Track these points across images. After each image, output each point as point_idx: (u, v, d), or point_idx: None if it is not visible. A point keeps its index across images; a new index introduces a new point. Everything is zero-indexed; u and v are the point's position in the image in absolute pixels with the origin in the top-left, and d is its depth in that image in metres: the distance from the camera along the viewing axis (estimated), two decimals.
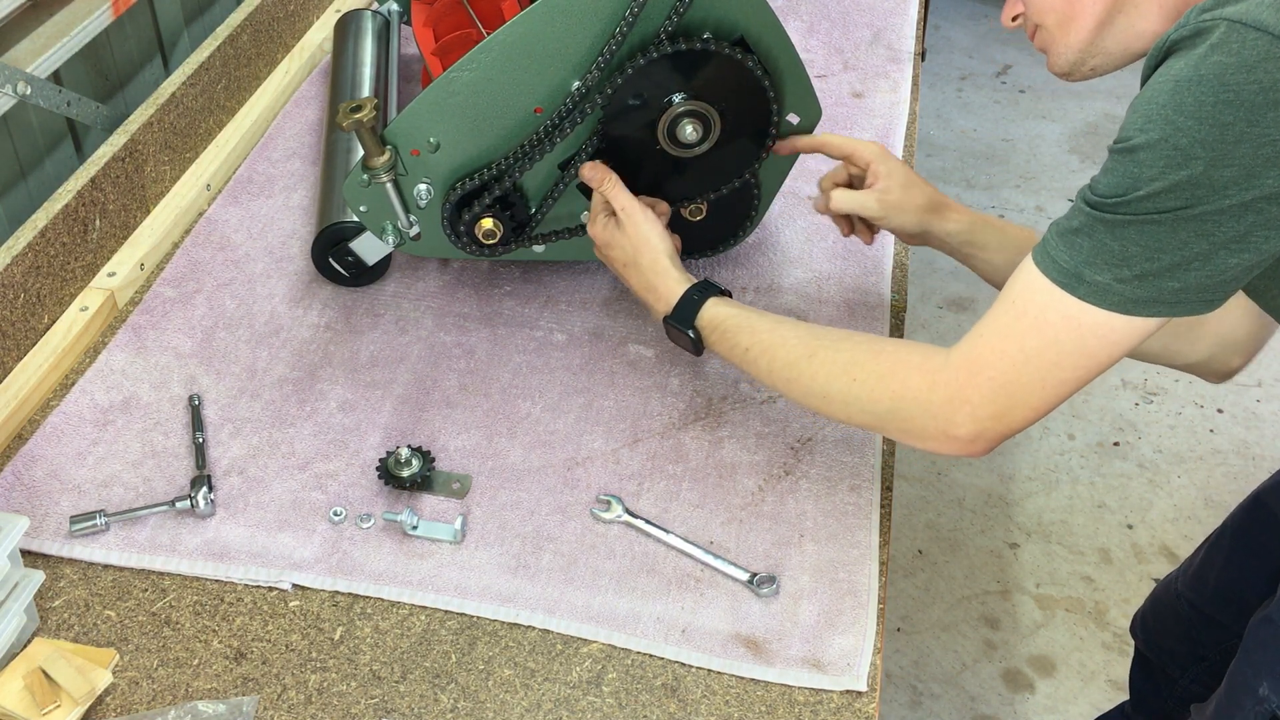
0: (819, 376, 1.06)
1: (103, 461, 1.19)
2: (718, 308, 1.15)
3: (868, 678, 1.02)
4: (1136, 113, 0.87)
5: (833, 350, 1.06)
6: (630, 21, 1.15)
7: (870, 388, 1.02)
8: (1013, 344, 0.93)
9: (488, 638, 1.05)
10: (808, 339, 1.09)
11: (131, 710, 0.99)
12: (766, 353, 1.10)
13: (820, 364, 1.06)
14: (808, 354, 1.07)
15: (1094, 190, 0.90)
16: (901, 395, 1.00)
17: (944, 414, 0.97)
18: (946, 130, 3.51)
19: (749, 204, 1.34)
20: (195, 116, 1.56)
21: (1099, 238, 0.89)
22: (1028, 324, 0.93)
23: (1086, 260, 0.90)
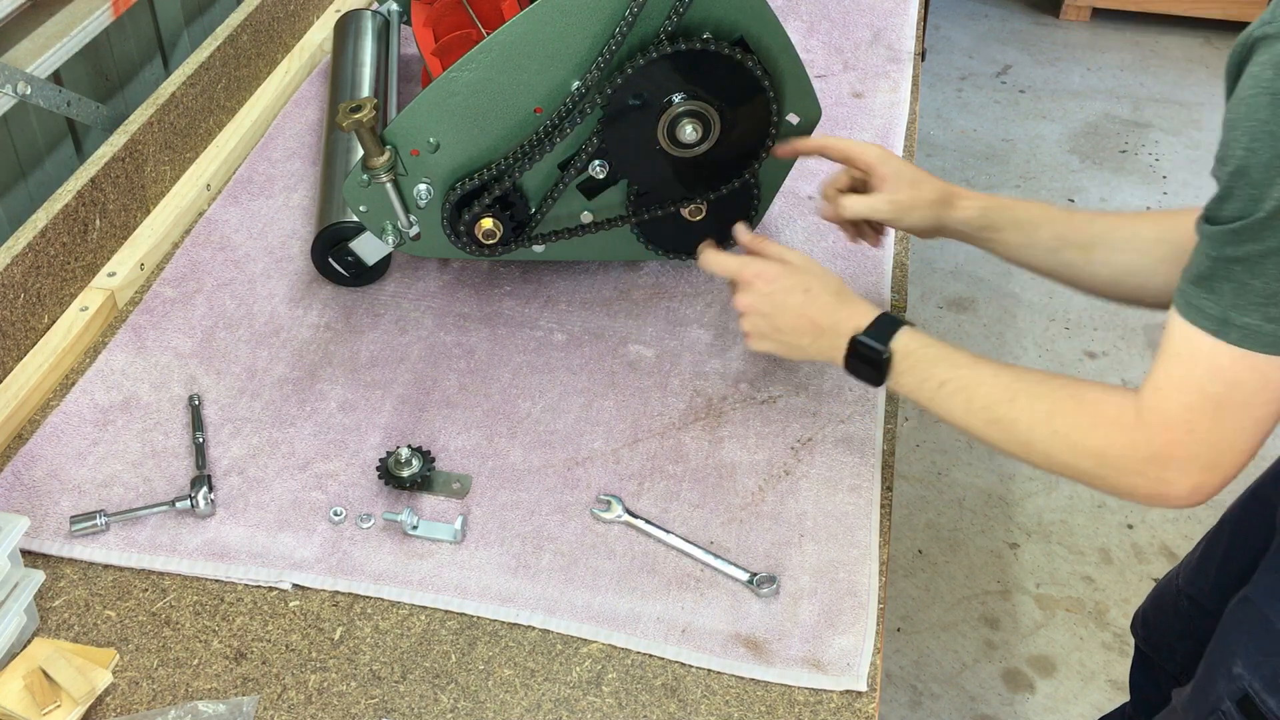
0: (1020, 423, 1.01)
1: (103, 461, 1.19)
2: (914, 336, 1.09)
3: (868, 678, 1.02)
4: (1238, 130, 0.84)
5: (1033, 397, 1.01)
6: (630, 21, 1.15)
7: (1072, 442, 0.97)
8: (1196, 395, 0.90)
9: (488, 638, 1.06)
10: (1008, 381, 1.03)
11: (131, 710, 0.99)
12: (964, 390, 1.04)
13: (1021, 410, 1.01)
14: (1008, 397, 1.02)
15: (1212, 220, 0.87)
16: (1104, 454, 0.96)
17: (1153, 474, 0.94)
18: (946, 130, 3.51)
19: (749, 204, 1.34)
20: (195, 116, 1.56)
21: (1238, 278, 0.86)
22: (1202, 372, 0.89)
23: (1232, 304, 0.87)
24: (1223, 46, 3.83)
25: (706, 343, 1.34)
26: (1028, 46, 3.88)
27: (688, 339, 1.34)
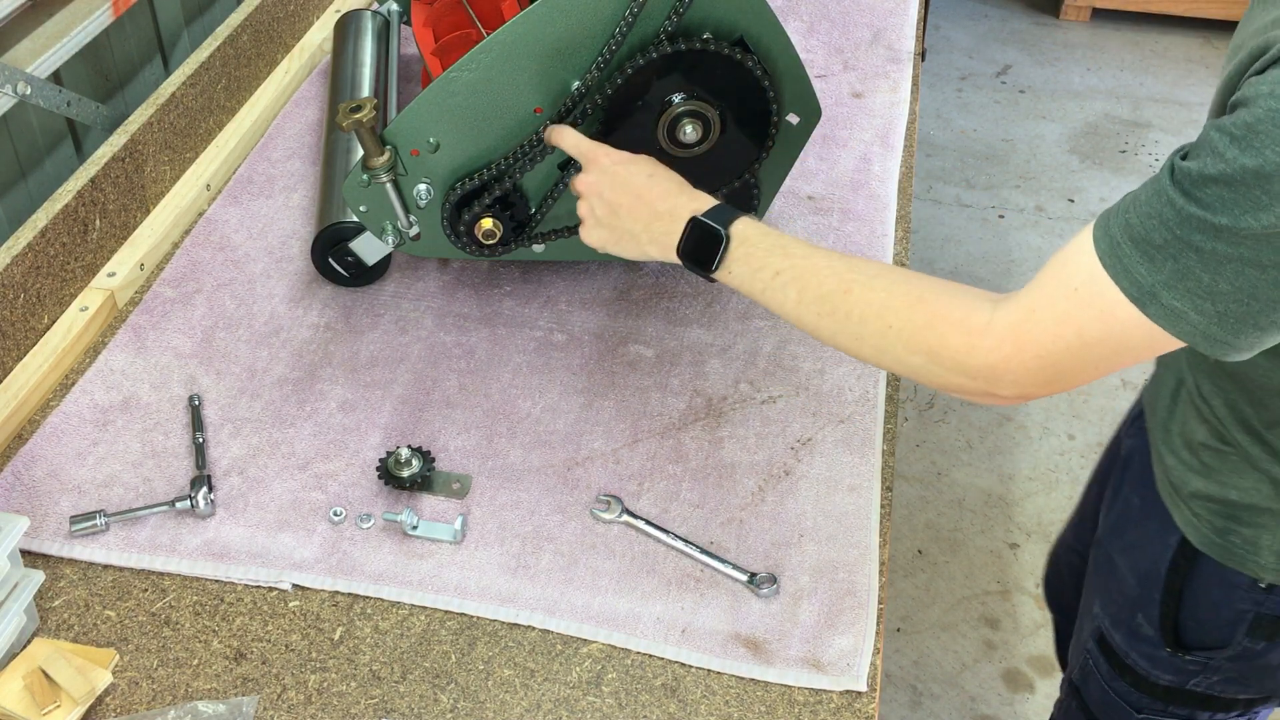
0: (853, 316, 0.97)
1: (103, 461, 1.19)
2: (754, 224, 1.04)
3: (867, 678, 1.02)
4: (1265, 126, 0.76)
5: (868, 289, 0.97)
6: (630, 21, 1.15)
7: (906, 338, 0.94)
8: (1070, 330, 0.86)
9: (487, 638, 1.06)
10: (844, 272, 0.98)
11: (131, 710, 0.99)
12: (797, 280, 0.99)
13: (855, 302, 0.97)
14: (843, 288, 0.97)
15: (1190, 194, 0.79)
16: (938, 353, 0.92)
17: (984, 377, 0.91)
18: (946, 130, 3.51)
19: (749, 204, 1.34)
20: (195, 116, 1.56)
21: (1187, 264, 0.80)
22: (1093, 319, 0.85)
23: (1167, 283, 0.81)
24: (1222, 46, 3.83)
25: (706, 343, 1.34)
26: (1028, 46, 3.88)
27: (688, 339, 1.34)
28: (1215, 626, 1.15)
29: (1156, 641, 1.19)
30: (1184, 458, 1.11)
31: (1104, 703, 1.30)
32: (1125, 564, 1.22)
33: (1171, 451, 1.13)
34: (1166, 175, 0.82)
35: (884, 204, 1.53)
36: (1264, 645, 1.14)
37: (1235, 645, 1.15)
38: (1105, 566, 1.26)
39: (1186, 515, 1.12)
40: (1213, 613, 1.15)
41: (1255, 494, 1.06)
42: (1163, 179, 0.82)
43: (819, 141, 1.62)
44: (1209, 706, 1.22)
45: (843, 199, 1.54)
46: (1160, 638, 1.19)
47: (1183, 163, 0.80)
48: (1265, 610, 1.11)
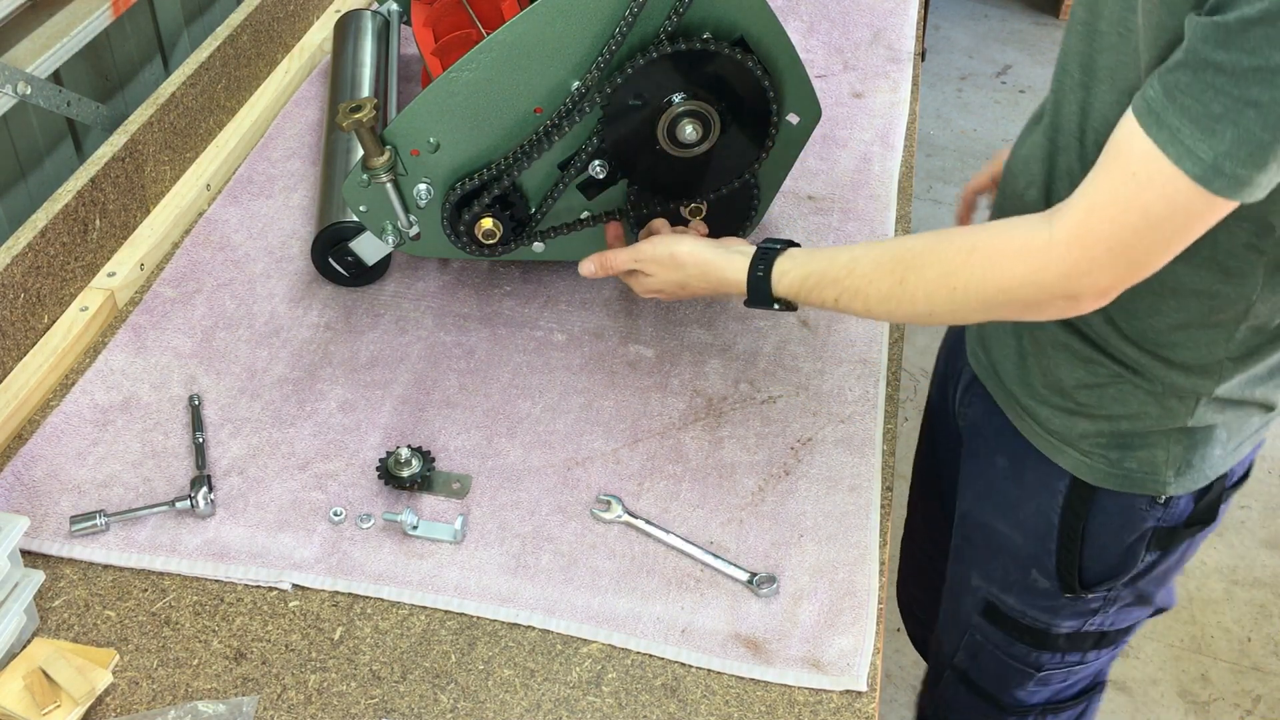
0: (918, 298, 1.00)
1: (103, 461, 1.19)
2: (787, 275, 1.10)
3: (867, 678, 1.02)
4: None
5: (920, 270, 0.99)
6: (630, 21, 1.15)
7: (975, 291, 0.96)
8: (1134, 215, 0.86)
9: (487, 638, 1.06)
10: (892, 267, 1.02)
11: (131, 710, 0.99)
12: (858, 297, 1.04)
13: (914, 286, 1.00)
14: (898, 281, 1.01)
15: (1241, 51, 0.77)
16: (1009, 286, 0.94)
17: (1063, 289, 0.91)
18: (946, 130, 3.51)
19: (749, 204, 1.34)
20: (195, 116, 1.56)
21: (1247, 126, 0.79)
22: (1152, 197, 0.84)
23: (1229, 152, 0.80)
24: None
25: (706, 343, 1.34)
26: (1028, 46, 3.88)
27: (688, 339, 1.34)
28: (1116, 554, 1.16)
29: (1054, 591, 1.20)
30: (1058, 404, 1.12)
31: (1000, 674, 1.31)
32: (1006, 525, 1.22)
33: (1041, 402, 1.13)
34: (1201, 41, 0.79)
35: (884, 204, 1.53)
36: (1158, 555, 1.16)
37: (1139, 563, 1.17)
38: (981, 536, 1.26)
39: (1075, 458, 1.12)
40: (1115, 541, 1.16)
41: (1144, 418, 1.07)
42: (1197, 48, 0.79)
43: (819, 141, 1.62)
44: (1105, 642, 1.25)
45: (843, 199, 1.54)
46: (1058, 587, 1.20)
47: (1214, 19, 0.78)
48: (1163, 523, 1.13)
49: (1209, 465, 1.09)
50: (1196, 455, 1.09)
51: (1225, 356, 1.02)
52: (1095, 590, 1.19)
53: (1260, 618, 2.31)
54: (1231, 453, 1.10)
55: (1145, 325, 1.03)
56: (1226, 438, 1.09)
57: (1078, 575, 1.19)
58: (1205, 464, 1.09)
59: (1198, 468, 1.09)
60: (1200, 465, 1.09)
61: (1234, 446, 1.10)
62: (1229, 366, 1.03)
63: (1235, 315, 0.99)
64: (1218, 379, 1.03)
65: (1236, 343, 1.01)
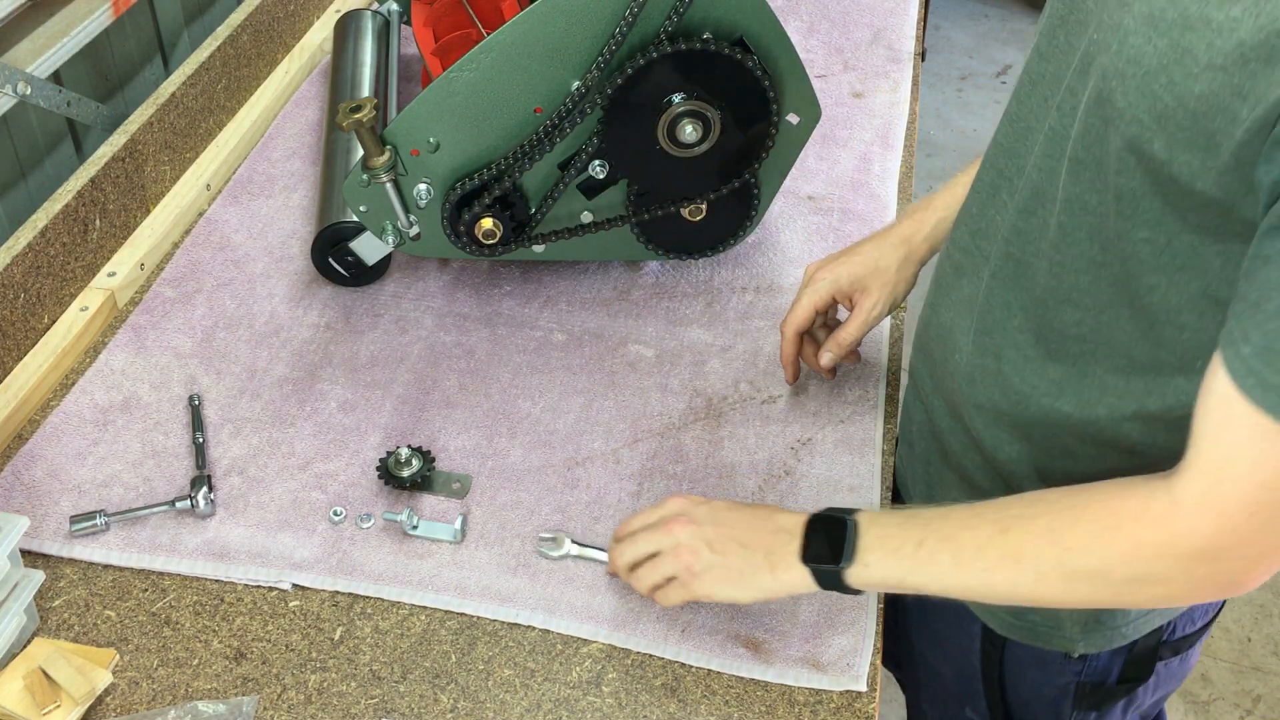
0: (1024, 555, 0.84)
1: (103, 461, 1.19)
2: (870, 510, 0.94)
3: (867, 678, 1.02)
4: None
5: (1028, 520, 0.84)
6: (630, 21, 1.15)
7: (1091, 554, 0.81)
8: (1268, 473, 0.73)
9: (487, 638, 1.06)
10: (992, 514, 0.87)
11: (131, 710, 0.99)
12: (947, 541, 0.88)
13: (1018, 539, 0.84)
14: (1000, 529, 0.85)
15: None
16: (1134, 557, 0.80)
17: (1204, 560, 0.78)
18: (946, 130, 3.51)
19: (749, 204, 1.34)
20: (195, 116, 1.56)
21: None
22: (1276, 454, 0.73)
23: None
24: None
25: (706, 343, 1.34)
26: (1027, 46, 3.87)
27: (688, 339, 1.34)
28: (1042, 707, 1.12)
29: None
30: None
31: None
32: (937, 659, 1.19)
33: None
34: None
35: (884, 204, 1.53)
36: (1095, 715, 1.11)
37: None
38: (920, 664, 1.22)
39: (979, 603, 1.07)
40: (1035, 694, 1.11)
41: None
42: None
43: (819, 141, 1.62)
44: None
45: (843, 199, 1.54)
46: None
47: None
48: (1086, 679, 1.08)
49: (1124, 624, 1.02)
50: (1105, 613, 1.01)
51: None
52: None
53: (1260, 618, 2.31)
54: (1154, 611, 1.02)
55: (1055, 468, 0.95)
56: None
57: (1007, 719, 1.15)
58: (1119, 622, 1.02)
59: (1110, 625, 1.02)
60: (1112, 623, 1.02)
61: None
62: None
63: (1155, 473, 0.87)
64: None
65: None
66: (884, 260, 1.18)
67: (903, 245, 1.18)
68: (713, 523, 0.98)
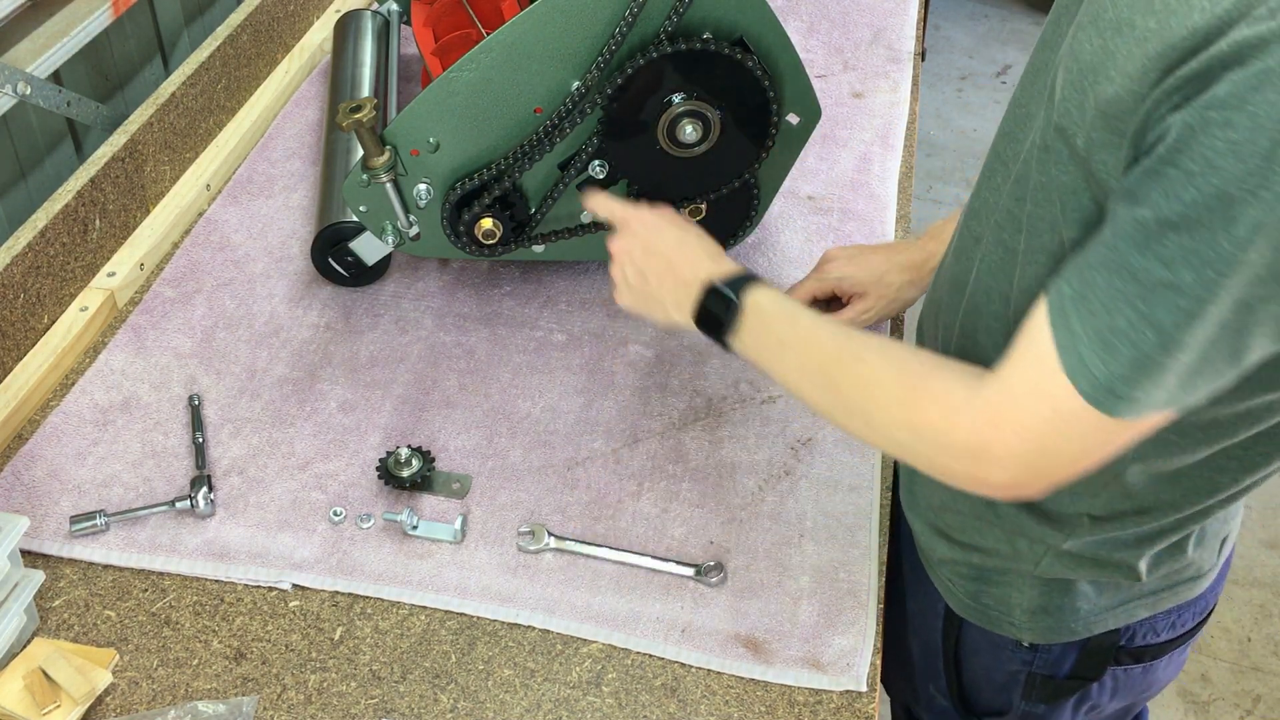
0: (843, 387, 0.91)
1: (103, 461, 1.19)
2: (771, 295, 1.00)
3: (867, 678, 1.02)
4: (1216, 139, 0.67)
5: (860, 361, 0.91)
6: (630, 21, 1.15)
7: (888, 411, 0.88)
8: (1046, 405, 0.78)
9: (487, 638, 1.06)
10: (843, 342, 0.93)
11: (131, 710, 0.99)
12: (799, 350, 0.95)
13: (846, 372, 0.91)
14: (837, 359, 0.92)
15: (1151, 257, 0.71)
16: (918, 428, 0.86)
17: (969, 458, 0.83)
18: (946, 130, 3.51)
19: (749, 204, 1.34)
20: (195, 116, 1.56)
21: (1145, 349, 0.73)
22: (1066, 391, 0.77)
23: (1124, 375, 0.74)
24: None
25: (706, 343, 1.34)
26: (1027, 46, 3.88)
27: (688, 339, 1.34)
28: (994, 691, 1.13)
29: (952, 712, 1.18)
30: (929, 520, 1.08)
31: None
32: (907, 635, 1.20)
33: (918, 516, 1.10)
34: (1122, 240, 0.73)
35: (884, 204, 1.53)
36: (1044, 708, 1.12)
37: (1016, 710, 1.13)
38: (893, 639, 1.23)
39: (943, 581, 1.09)
40: (987, 677, 1.13)
41: (996, 554, 1.02)
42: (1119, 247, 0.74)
43: (819, 141, 1.62)
44: None
45: (843, 199, 1.54)
46: (954, 707, 1.17)
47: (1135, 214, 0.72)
48: (1036, 670, 1.09)
49: (1075, 619, 1.03)
50: (1054, 605, 1.02)
51: (1086, 513, 0.96)
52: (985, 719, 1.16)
53: (1260, 618, 2.31)
54: (1109, 611, 1.03)
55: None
56: (1095, 594, 1.02)
57: (964, 701, 1.16)
58: (1069, 617, 1.03)
59: (1058, 618, 1.03)
60: (1061, 616, 1.03)
61: (1111, 605, 1.03)
62: (1086, 524, 0.96)
63: (1104, 475, 0.91)
64: (1069, 534, 0.97)
65: (1100, 502, 0.95)
66: (890, 276, 1.23)
67: (911, 270, 1.22)
68: (644, 250, 1.08)
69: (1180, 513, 0.95)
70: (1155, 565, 1.00)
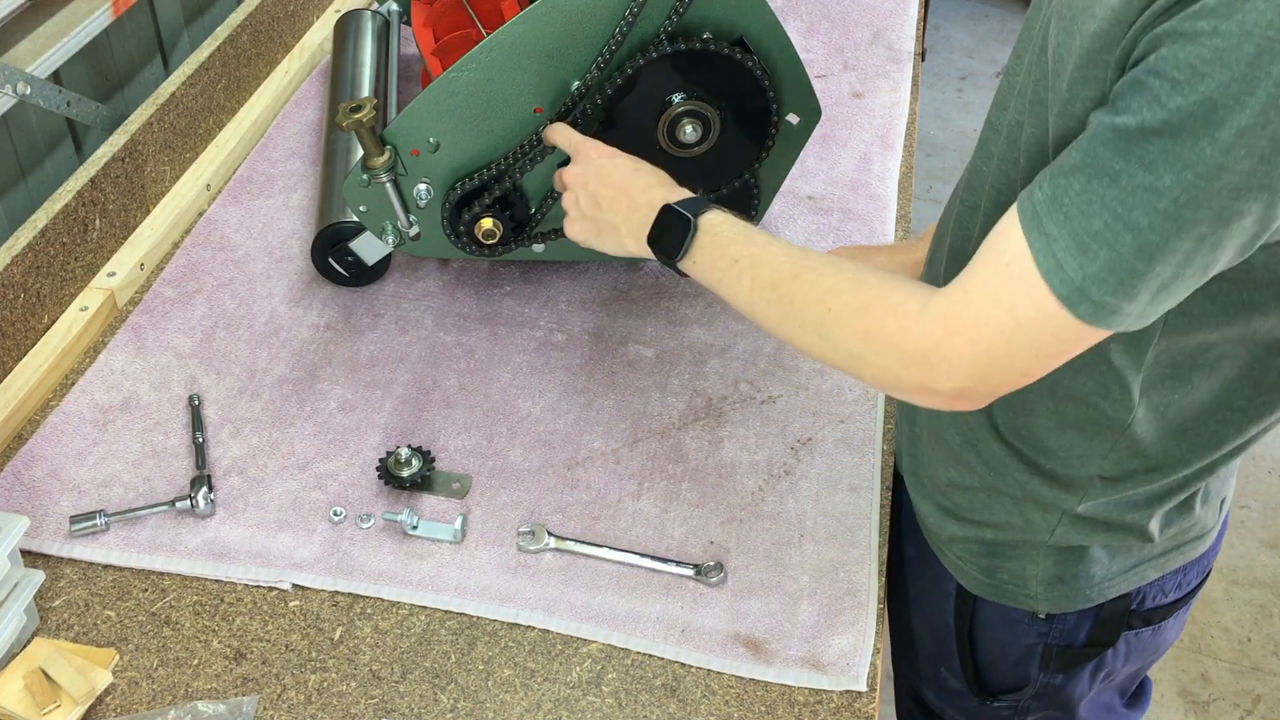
0: (796, 301, 0.92)
1: (103, 461, 1.19)
2: (724, 216, 1.01)
3: (867, 678, 1.02)
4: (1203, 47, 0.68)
5: (815, 274, 0.91)
6: (630, 21, 1.15)
7: (843, 321, 0.88)
8: (1002, 311, 0.79)
9: (487, 638, 1.06)
10: (798, 259, 0.94)
11: (131, 710, 0.99)
12: (752, 268, 0.96)
13: (800, 286, 0.92)
14: (792, 274, 0.93)
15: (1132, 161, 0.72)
16: (872, 336, 0.86)
17: (918, 365, 0.84)
18: (946, 130, 3.51)
19: (749, 204, 1.34)
20: (195, 116, 1.56)
21: (1121, 251, 0.74)
22: (1020, 294, 0.78)
23: (1098, 276, 0.75)
24: None
25: (706, 343, 1.34)
26: None
27: (688, 339, 1.34)
28: (1010, 667, 1.14)
29: (965, 693, 1.18)
30: (937, 501, 1.09)
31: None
32: (916, 619, 1.20)
33: (924, 498, 1.11)
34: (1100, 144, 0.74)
35: (884, 204, 1.53)
36: (1061, 678, 1.12)
37: (1034, 683, 1.13)
38: (900, 624, 1.23)
39: (953, 561, 1.10)
40: (1003, 653, 1.13)
41: (1008, 528, 1.03)
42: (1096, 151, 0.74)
43: (819, 141, 1.62)
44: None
45: (843, 199, 1.54)
46: (967, 688, 1.17)
47: (1116, 122, 0.73)
48: (1053, 640, 1.09)
49: (1089, 586, 1.04)
50: (1069, 573, 1.04)
51: (1097, 474, 0.97)
52: (1000, 698, 1.16)
53: (1260, 618, 2.31)
54: (1120, 575, 1.04)
55: (1020, 422, 0.98)
56: (1108, 559, 1.03)
57: (979, 681, 1.16)
58: (1083, 584, 1.04)
59: (1073, 586, 1.04)
60: (1076, 584, 1.04)
61: (1123, 569, 1.04)
62: (1098, 485, 0.97)
63: (1113, 431, 0.93)
64: (1081, 496, 0.98)
65: (1111, 461, 0.96)
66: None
67: (916, 269, 1.22)
68: (598, 178, 1.09)
69: (1188, 468, 0.96)
70: (1166, 525, 1.02)
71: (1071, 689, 1.14)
